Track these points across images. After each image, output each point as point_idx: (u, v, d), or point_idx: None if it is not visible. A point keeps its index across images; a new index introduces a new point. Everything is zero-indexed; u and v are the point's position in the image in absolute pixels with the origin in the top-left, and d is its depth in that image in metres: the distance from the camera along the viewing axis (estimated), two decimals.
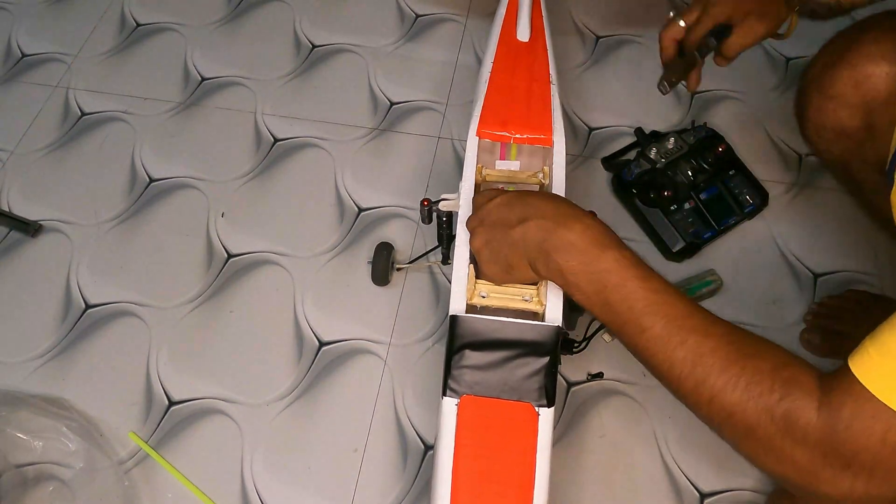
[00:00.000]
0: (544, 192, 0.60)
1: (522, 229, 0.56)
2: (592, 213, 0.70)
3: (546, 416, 0.55)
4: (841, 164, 0.74)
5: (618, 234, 0.56)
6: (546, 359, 0.56)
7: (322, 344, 0.87)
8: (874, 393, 0.43)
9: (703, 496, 0.78)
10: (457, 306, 0.59)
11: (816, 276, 0.92)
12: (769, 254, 0.94)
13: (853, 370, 0.45)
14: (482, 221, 0.59)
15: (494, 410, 0.56)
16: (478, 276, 0.61)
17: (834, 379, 0.46)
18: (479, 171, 0.69)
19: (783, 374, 0.47)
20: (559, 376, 0.84)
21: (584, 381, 0.84)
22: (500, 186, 0.71)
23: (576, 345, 0.81)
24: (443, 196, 0.72)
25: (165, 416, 0.83)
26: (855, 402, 0.44)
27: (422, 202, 0.72)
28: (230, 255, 0.94)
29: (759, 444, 0.48)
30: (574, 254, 0.54)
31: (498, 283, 0.61)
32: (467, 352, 0.57)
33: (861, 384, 0.44)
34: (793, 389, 0.46)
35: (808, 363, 0.48)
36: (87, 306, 0.90)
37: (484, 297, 0.61)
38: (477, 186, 0.69)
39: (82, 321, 0.89)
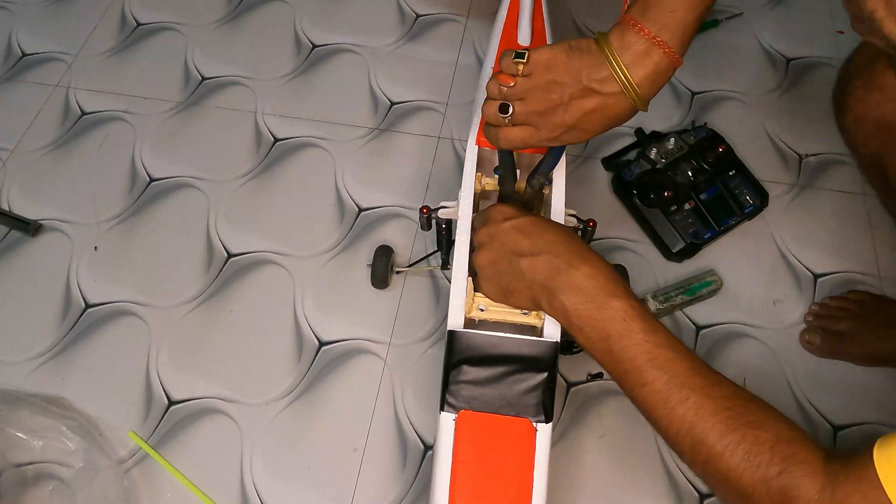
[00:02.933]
0: (560, 228, 0.60)
1: (532, 262, 0.56)
2: (592, 222, 0.71)
3: (544, 431, 0.55)
4: (876, 160, 0.71)
5: (623, 280, 0.56)
6: (544, 374, 0.56)
7: (322, 344, 0.87)
8: (892, 500, 0.41)
9: (703, 496, 0.78)
10: (455, 321, 0.59)
11: (816, 276, 0.92)
12: (769, 254, 0.94)
13: (878, 468, 0.42)
14: (493, 238, 0.59)
15: (492, 426, 0.56)
16: (475, 289, 0.61)
17: (846, 467, 0.44)
18: (478, 180, 0.69)
19: (785, 449, 0.46)
20: (559, 377, 0.84)
21: (584, 382, 0.84)
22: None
23: (576, 345, 0.81)
24: (442, 204, 0.72)
25: (165, 416, 0.83)
26: (864, 500, 0.42)
27: (421, 209, 0.72)
28: (230, 255, 0.94)
29: None
30: (581, 297, 0.54)
31: (493, 301, 0.61)
32: (465, 367, 0.57)
33: (881, 486, 0.41)
34: (793, 467, 0.46)
35: (813, 441, 0.48)
36: (87, 305, 0.90)
37: (482, 311, 0.61)
38: (475, 195, 0.69)
39: (82, 320, 0.89)
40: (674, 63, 0.53)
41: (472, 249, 0.62)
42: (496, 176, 0.69)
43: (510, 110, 0.57)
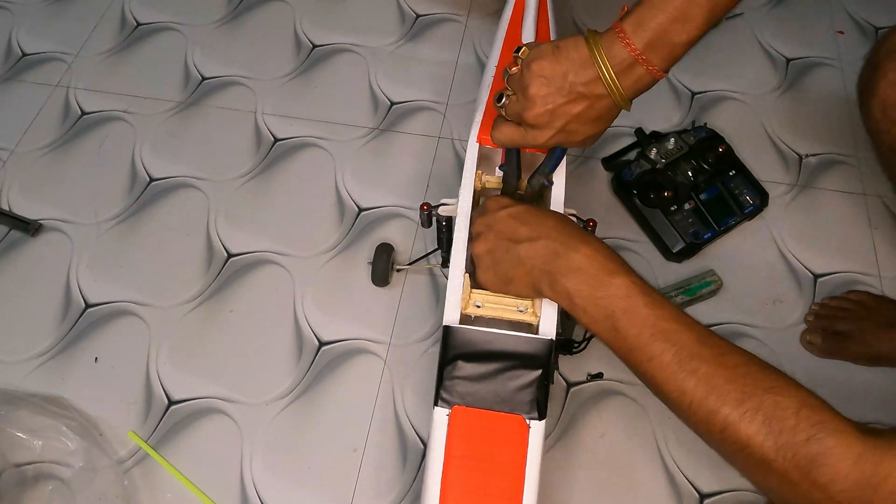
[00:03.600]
0: (556, 215, 0.60)
1: (530, 248, 0.56)
2: (592, 222, 0.71)
3: (537, 428, 0.55)
4: None
5: (623, 258, 0.55)
6: (538, 372, 0.56)
7: (322, 343, 0.87)
8: None
9: (703, 497, 0.78)
10: (450, 316, 0.59)
11: (816, 276, 0.92)
12: (769, 254, 0.94)
13: None
14: (490, 228, 0.59)
15: (485, 422, 0.56)
16: (473, 283, 0.61)
17: (892, 442, 0.42)
18: (478, 178, 0.69)
19: (812, 416, 0.44)
20: (559, 376, 0.84)
21: (583, 382, 0.84)
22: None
23: (576, 345, 0.81)
24: (442, 201, 0.72)
25: (165, 416, 0.83)
26: None
27: (421, 206, 0.72)
28: (230, 255, 0.94)
29: (773, 476, 0.45)
30: (582, 278, 0.53)
31: (491, 291, 0.60)
32: (460, 362, 0.57)
33: None
34: (824, 434, 0.43)
35: (838, 412, 0.45)
36: (87, 305, 0.90)
37: (479, 307, 0.60)
38: (476, 193, 0.69)
39: (82, 320, 0.89)
40: (656, 78, 0.55)
41: (471, 240, 0.62)
42: (497, 174, 0.69)
43: (503, 100, 0.58)
